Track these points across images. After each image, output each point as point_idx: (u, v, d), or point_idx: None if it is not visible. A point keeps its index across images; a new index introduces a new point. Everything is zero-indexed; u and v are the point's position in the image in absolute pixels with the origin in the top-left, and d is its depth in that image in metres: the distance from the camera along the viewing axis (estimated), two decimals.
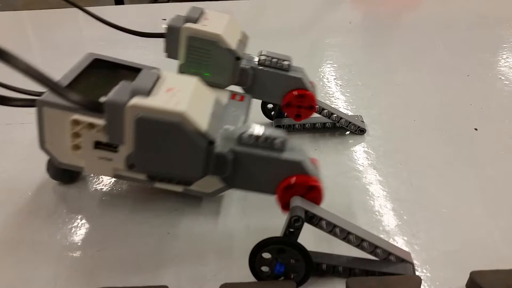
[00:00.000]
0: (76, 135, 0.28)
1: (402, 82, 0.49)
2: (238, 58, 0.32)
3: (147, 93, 0.23)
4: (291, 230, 0.25)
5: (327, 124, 0.40)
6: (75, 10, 0.72)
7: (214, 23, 0.32)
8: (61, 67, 0.32)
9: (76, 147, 0.28)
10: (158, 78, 0.25)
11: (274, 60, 0.34)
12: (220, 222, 0.31)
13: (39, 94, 0.28)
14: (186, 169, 0.25)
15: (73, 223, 0.30)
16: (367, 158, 0.37)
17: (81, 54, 0.34)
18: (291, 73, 0.34)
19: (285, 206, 0.26)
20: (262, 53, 0.34)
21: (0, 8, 0.77)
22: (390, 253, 0.26)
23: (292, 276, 0.26)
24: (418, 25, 0.65)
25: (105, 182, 0.34)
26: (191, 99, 0.24)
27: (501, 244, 0.29)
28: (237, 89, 0.35)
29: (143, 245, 0.29)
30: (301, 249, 0.25)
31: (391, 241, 0.29)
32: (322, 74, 0.51)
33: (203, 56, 0.32)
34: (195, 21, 0.32)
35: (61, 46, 0.59)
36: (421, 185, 0.34)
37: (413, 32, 0.63)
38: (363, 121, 0.41)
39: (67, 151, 0.28)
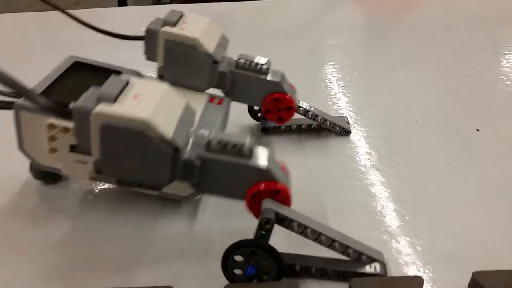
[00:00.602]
0: (53, 138, 0.28)
1: (403, 82, 0.49)
2: (216, 62, 0.33)
3: (113, 99, 0.23)
4: (262, 232, 0.25)
5: (312, 126, 0.40)
6: (75, 11, 0.72)
7: (192, 26, 0.33)
8: None
9: (53, 150, 0.29)
10: (127, 84, 0.25)
11: (253, 63, 0.34)
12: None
13: (18, 96, 0.28)
14: (153, 175, 0.25)
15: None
16: (369, 159, 0.37)
17: (82, 54, 0.34)
18: (269, 77, 0.34)
19: (256, 213, 0.27)
20: (241, 56, 0.35)
21: (2, 10, 0.77)
22: (361, 253, 0.26)
23: (264, 278, 0.26)
24: (419, 25, 0.65)
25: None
26: (157, 106, 0.24)
27: (502, 245, 0.29)
28: (218, 92, 0.35)
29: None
30: (272, 251, 0.25)
31: (393, 242, 0.29)
32: (324, 75, 0.51)
33: (181, 59, 0.32)
34: (173, 24, 0.32)
35: (63, 46, 0.59)
36: (422, 186, 0.34)
37: (414, 32, 0.63)
38: (348, 122, 0.41)
39: (45, 153, 0.29)
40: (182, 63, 0.33)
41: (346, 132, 0.40)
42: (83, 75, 0.33)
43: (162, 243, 0.29)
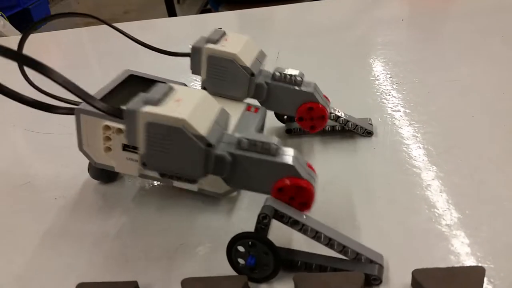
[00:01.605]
0: (108, 138, 0.32)
1: (459, 77, 0.49)
2: (253, 74, 0.36)
3: (157, 102, 0.27)
4: (261, 226, 0.27)
5: (336, 127, 0.42)
6: (128, 24, 0.78)
7: (232, 44, 0.37)
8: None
9: (108, 149, 0.33)
10: (170, 89, 0.29)
11: (287, 76, 0.37)
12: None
13: (78, 103, 0.33)
14: (189, 168, 0.28)
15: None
16: (426, 155, 0.38)
17: (136, 64, 0.38)
18: (303, 88, 0.37)
19: None
20: (277, 69, 0.38)
21: (64, 27, 0.84)
22: (358, 254, 0.28)
23: (263, 269, 0.28)
24: (471, 16, 0.64)
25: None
26: (195, 108, 0.28)
27: None
28: (255, 102, 0.38)
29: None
30: (269, 243, 0.27)
31: (453, 234, 0.30)
32: (377, 74, 0.53)
33: (222, 72, 0.37)
34: (215, 42, 0.36)
35: (119, 57, 0.64)
36: (482, 180, 0.35)
37: (466, 23, 0.63)
38: (371, 124, 0.42)
39: (101, 152, 0.33)
40: (223, 76, 0.37)
41: (369, 133, 0.41)
42: (136, 86, 0.37)
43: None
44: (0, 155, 0.45)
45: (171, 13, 1.69)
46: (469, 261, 0.28)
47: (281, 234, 0.29)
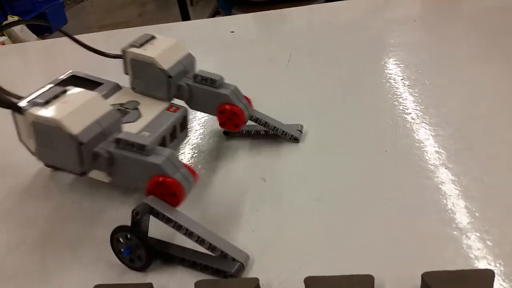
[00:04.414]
0: None
1: (471, 79, 0.49)
2: (170, 77, 0.39)
3: (43, 104, 0.31)
4: (135, 221, 0.30)
5: (269, 132, 0.43)
6: (143, 28, 0.79)
7: (155, 48, 0.40)
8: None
9: None
10: (64, 92, 0.32)
11: (207, 78, 0.39)
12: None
13: (20, 97, 0.36)
14: (69, 163, 0.31)
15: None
16: (438, 157, 0.38)
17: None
18: (221, 90, 0.39)
19: None
20: (199, 73, 0.40)
21: (79, 31, 0.87)
22: (222, 252, 0.30)
23: (137, 260, 0.31)
24: (484, 15, 0.64)
25: None
26: (76, 109, 0.31)
27: None
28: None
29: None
30: (140, 237, 0.30)
31: (464, 237, 0.31)
32: (389, 75, 0.53)
33: (144, 74, 0.39)
34: (139, 46, 0.39)
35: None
36: (493, 183, 0.35)
37: (479, 23, 0.62)
38: (300, 130, 0.43)
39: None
40: (145, 78, 0.40)
41: (295, 140, 0.42)
42: (73, 85, 0.39)
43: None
44: (18, 159, 0.46)
45: (185, 15, 1.71)
46: (479, 264, 0.29)
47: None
